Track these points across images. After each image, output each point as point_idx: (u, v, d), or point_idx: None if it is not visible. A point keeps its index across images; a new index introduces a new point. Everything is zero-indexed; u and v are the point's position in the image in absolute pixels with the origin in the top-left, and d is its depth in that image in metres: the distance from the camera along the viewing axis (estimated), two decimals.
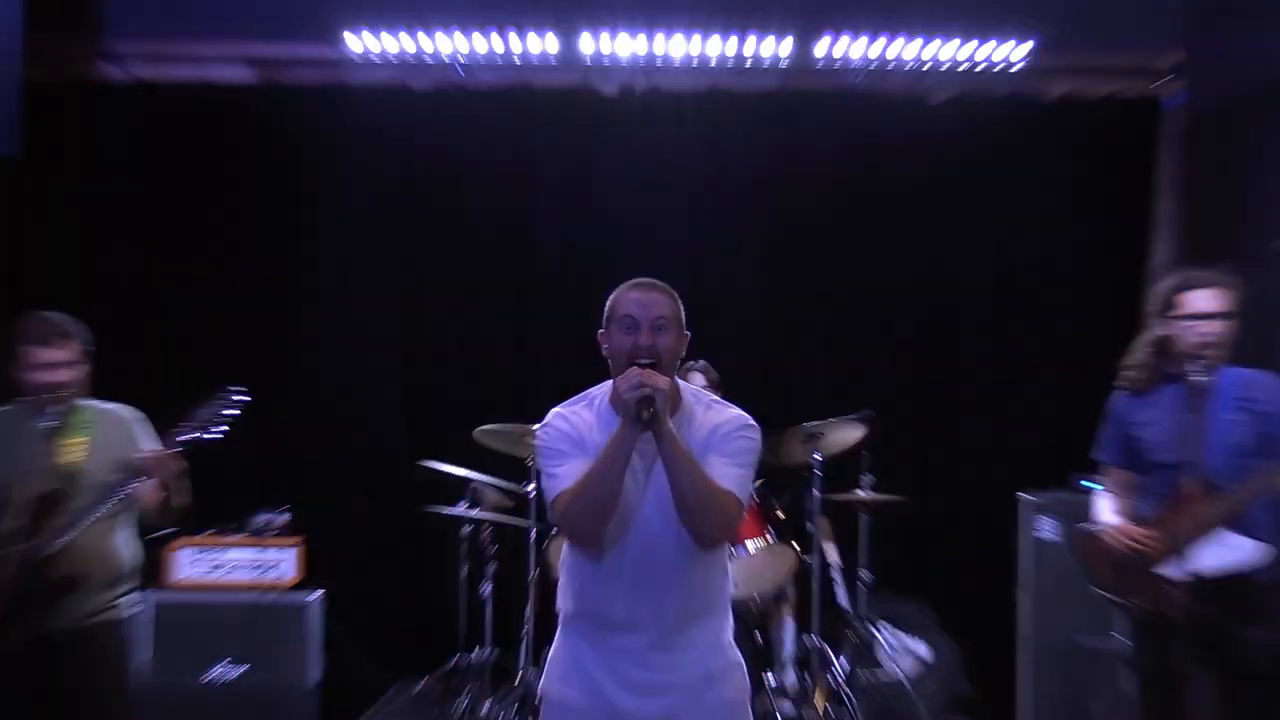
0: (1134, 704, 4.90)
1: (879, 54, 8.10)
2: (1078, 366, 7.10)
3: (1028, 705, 7.19)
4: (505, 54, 8.10)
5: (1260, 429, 4.73)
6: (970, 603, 7.77)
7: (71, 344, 4.83)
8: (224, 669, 7.25)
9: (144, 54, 8.22)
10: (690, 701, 3.83)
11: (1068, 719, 6.76)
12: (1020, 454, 7.74)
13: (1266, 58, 7.06)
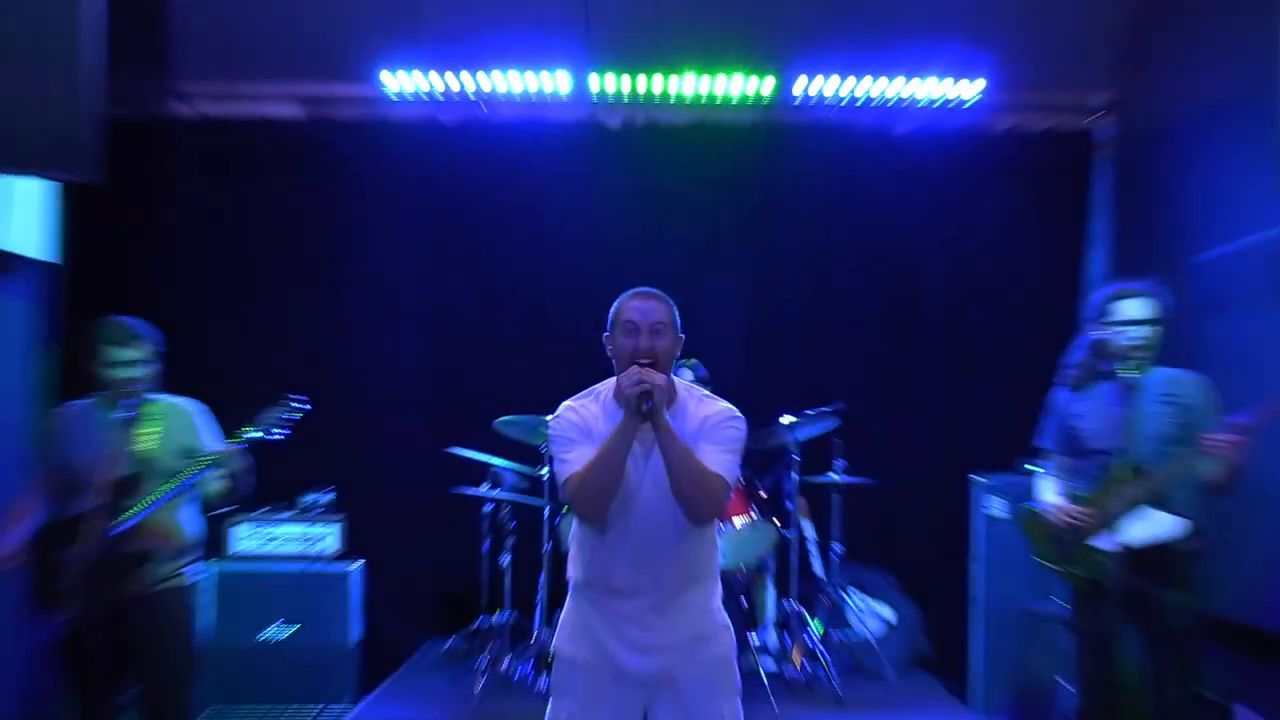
0: (1072, 660, 4.91)
1: (850, 91, 8.11)
2: (1022, 366, 7.09)
3: (979, 661, 7.16)
4: (523, 91, 8.10)
5: (1182, 420, 4.74)
6: (929, 571, 7.77)
7: (144, 345, 4.84)
8: (276, 629, 7.26)
9: (209, 93, 8.25)
10: (684, 658, 3.84)
11: (1013, 674, 6.74)
12: (972, 441, 7.73)
13: (1185, 95, 7.07)
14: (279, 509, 7.42)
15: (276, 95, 8.29)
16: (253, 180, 8.22)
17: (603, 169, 8.26)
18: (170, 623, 4.86)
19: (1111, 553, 4.58)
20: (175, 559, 4.88)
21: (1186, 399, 4.79)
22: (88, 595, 4.43)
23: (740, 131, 8.32)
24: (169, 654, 4.86)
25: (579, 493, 3.76)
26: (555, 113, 8.29)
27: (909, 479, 7.92)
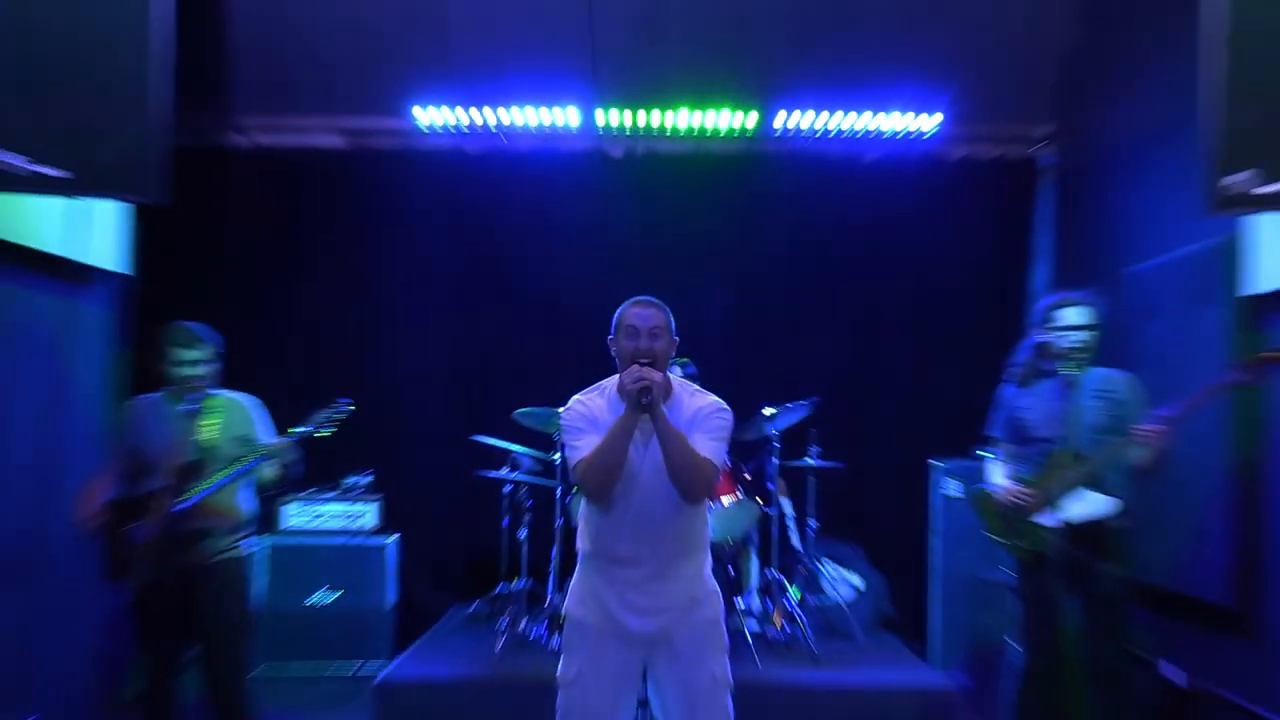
0: (1018, 621, 4.90)
1: (823, 124, 8.10)
2: (975, 364, 7.08)
3: (937, 623, 7.17)
4: (538, 124, 8.10)
5: (1114, 413, 4.77)
6: (893, 544, 7.75)
7: (206, 346, 4.85)
8: (321, 595, 7.28)
9: (262, 125, 8.24)
10: (679, 620, 3.85)
11: (967, 635, 6.74)
12: (931, 430, 7.72)
13: (1117, 128, 7.06)
14: (324, 490, 7.47)
15: (321, 128, 8.28)
16: (300, 202, 8.23)
17: (607, 193, 8.25)
18: (228, 589, 4.87)
19: (1052, 528, 4.59)
20: (232, 533, 4.88)
21: (1118, 395, 4.82)
22: (155, 564, 4.44)
23: (728, 160, 8.31)
24: (227, 616, 4.87)
25: (587, 475, 3.78)
26: (566, 143, 8.28)
27: (875, 463, 7.91)
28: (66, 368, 4.98)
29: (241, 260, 8.14)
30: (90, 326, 5.31)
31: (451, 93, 8.01)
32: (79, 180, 4.38)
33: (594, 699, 3.85)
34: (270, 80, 7.95)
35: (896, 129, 8.13)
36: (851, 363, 8.21)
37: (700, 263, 8.15)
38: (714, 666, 3.87)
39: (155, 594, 4.50)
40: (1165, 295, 6.22)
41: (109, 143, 4.37)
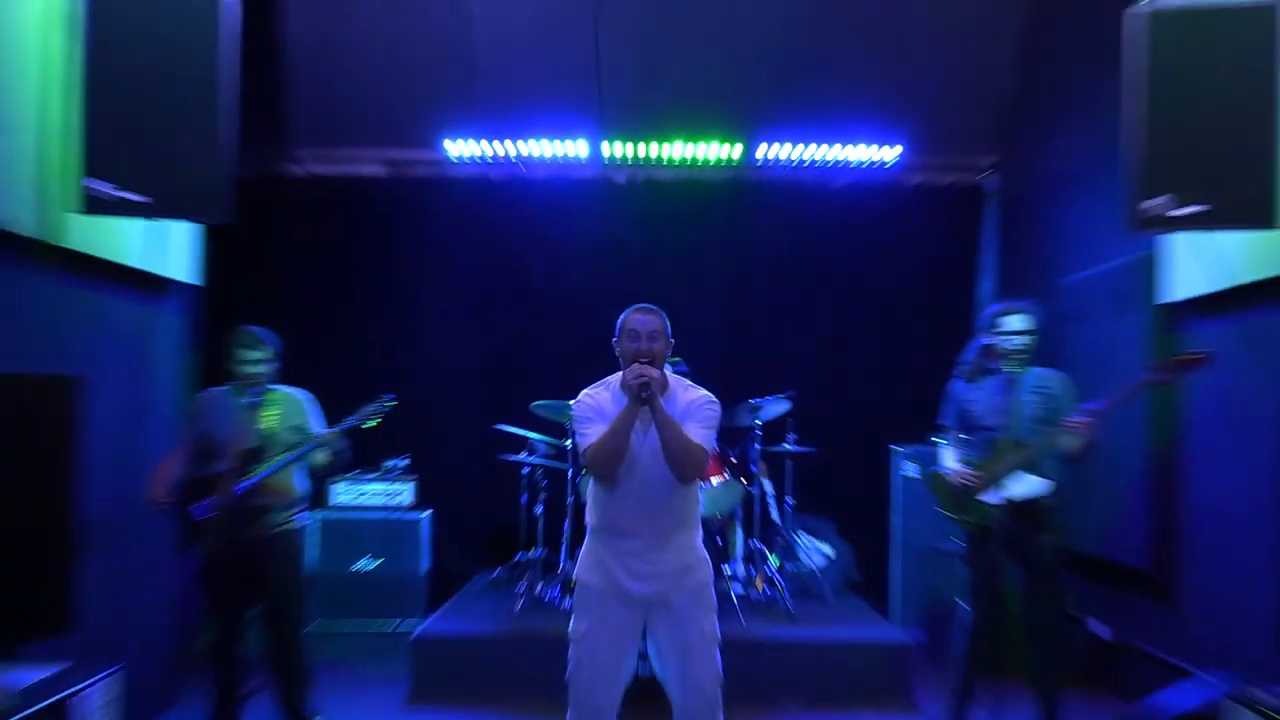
0: (966, 585, 4.92)
1: (799, 155, 8.14)
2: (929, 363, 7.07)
3: (897, 587, 7.19)
4: (552, 155, 8.14)
5: (1049, 407, 4.79)
6: (859, 518, 7.74)
7: (267, 348, 4.86)
8: (365, 562, 7.30)
9: (314, 156, 8.26)
10: (674, 584, 3.86)
11: (922, 597, 6.76)
12: (892, 420, 7.72)
13: (1052, 159, 7.09)
14: (367, 471, 7.48)
15: (366, 158, 8.30)
16: (347, 222, 8.25)
17: (612, 214, 8.27)
18: (286, 557, 4.88)
19: (995, 505, 4.61)
20: (289, 509, 4.89)
21: (1053, 391, 4.83)
22: (223, 535, 4.45)
23: (716, 186, 8.32)
24: (285, 580, 4.87)
25: (595, 458, 3.80)
26: (576, 171, 8.30)
27: (844, 448, 7.91)
28: (146, 365, 5.00)
29: (296, 273, 8.17)
30: (166, 330, 5.34)
31: (478, 128, 8.07)
32: (157, 204, 4.41)
33: (601, 652, 3.87)
34: (322, 117, 8.00)
35: (862, 159, 8.16)
36: (823, 361, 8.22)
37: (692, 274, 8.16)
38: (704, 624, 3.89)
39: (223, 561, 4.52)
40: (1093, 303, 6.25)
41: (182, 172, 4.40)
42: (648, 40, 7.64)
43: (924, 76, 7.78)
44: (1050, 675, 4.79)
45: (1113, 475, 5.85)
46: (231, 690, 4.71)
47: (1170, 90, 4.31)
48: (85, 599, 4.04)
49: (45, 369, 4.18)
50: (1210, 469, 5.18)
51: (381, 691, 5.81)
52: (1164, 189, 4.30)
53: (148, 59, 4.34)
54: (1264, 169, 4.17)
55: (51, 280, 4.45)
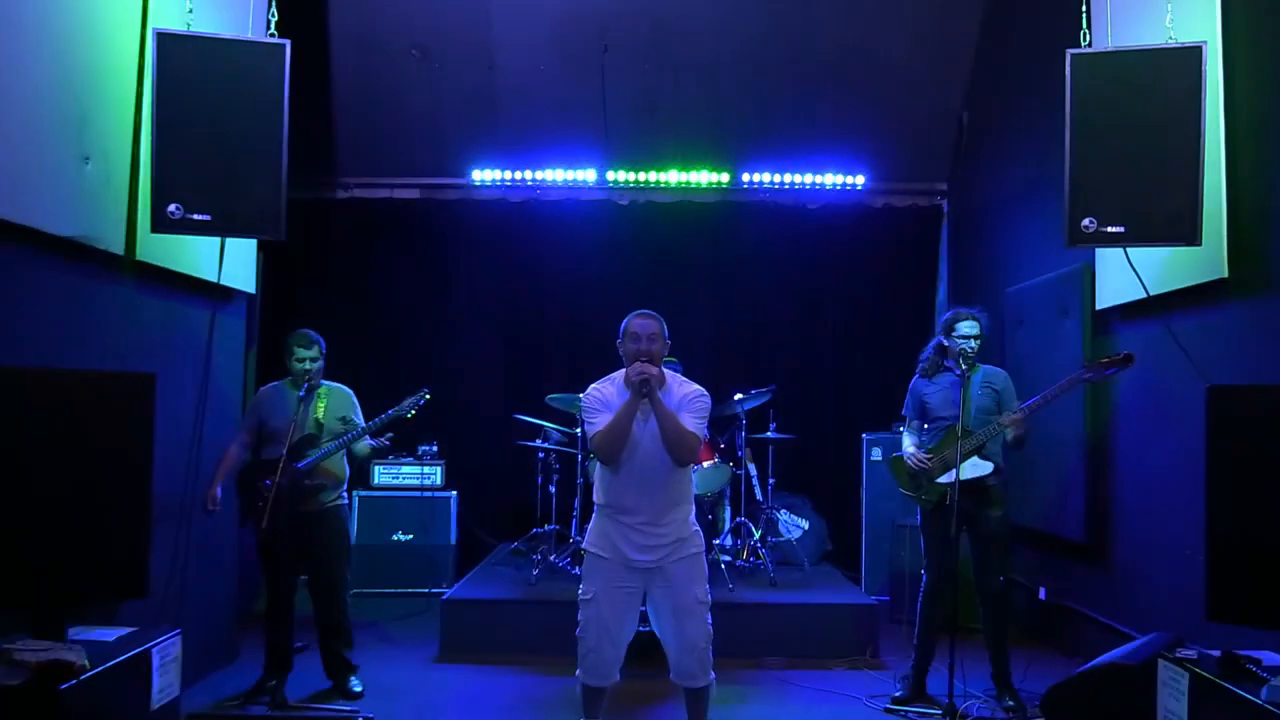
0: (924, 554, 4.93)
1: (779, 180, 8.18)
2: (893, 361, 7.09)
3: (865, 556, 7.18)
4: (563, 180, 8.17)
5: (994, 400, 4.81)
6: (832, 497, 7.76)
7: (317, 346, 4.87)
8: (400, 535, 7.30)
9: (359, 182, 8.24)
10: (671, 554, 3.86)
11: (889, 565, 6.75)
12: (861, 411, 7.72)
13: (998, 183, 7.10)
14: (402, 455, 7.47)
15: (403, 185, 8.27)
16: (385, 239, 8.22)
17: (616, 232, 8.25)
18: (333, 531, 4.89)
19: (948, 484, 4.61)
20: (336, 489, 4.89)
21: (998, 386, 4.86)
22: (278, 512, 4.44)
23: (707, 207, 8.31)
24: (332, 551, 4.89)
25: (601, 444, 3.81)
26: (584, 194, 8.29)
27: (819, 435, 7.91)
28: (210, 363, 5.00)
29: (340, 283, 8.15)
30: (228, 333, 5.33)
31: (500, 158, 8.13)
32: (220, 223, 4.43)
33: (607, 614, 3.87)
34: (365, 150, 8.03)
35: (834, 184, 8.20)
36: (801, 359, 8.21)
37: (686, 284, 8.15)
38: (697, 590, 3.89)
39: (278, 534, 4.50)
40: (1033, 309, 6.25)
41: (242, 195, 4.43)
42: (647, 82, 7.67)
43: (886, 113, 7.84)
44: (999, 633, 4.80)
45: (1053, 458, 5.85)
46: (284, 647, 4.71)
47: (1107, 120, 4.33)
48: (158, 567, 4.05)
49: (125, 366, 4.20)
50: (1138, 453, 5.17)
51: (414, 649, 5.80)
52: (1100, 209, 4.32)
53: (212, 95, 4.38)
54: (1190, 191, 4.17)
55: (131, 289, 4.46)
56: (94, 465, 3.41)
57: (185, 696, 3.95)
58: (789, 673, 5.37)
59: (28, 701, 2.92)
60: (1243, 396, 3.43)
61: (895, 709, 4.73)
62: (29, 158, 3.69)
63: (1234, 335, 4.28)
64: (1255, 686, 3.02)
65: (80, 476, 3.37)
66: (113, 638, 3.55)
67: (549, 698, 4.86)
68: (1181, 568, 4.45)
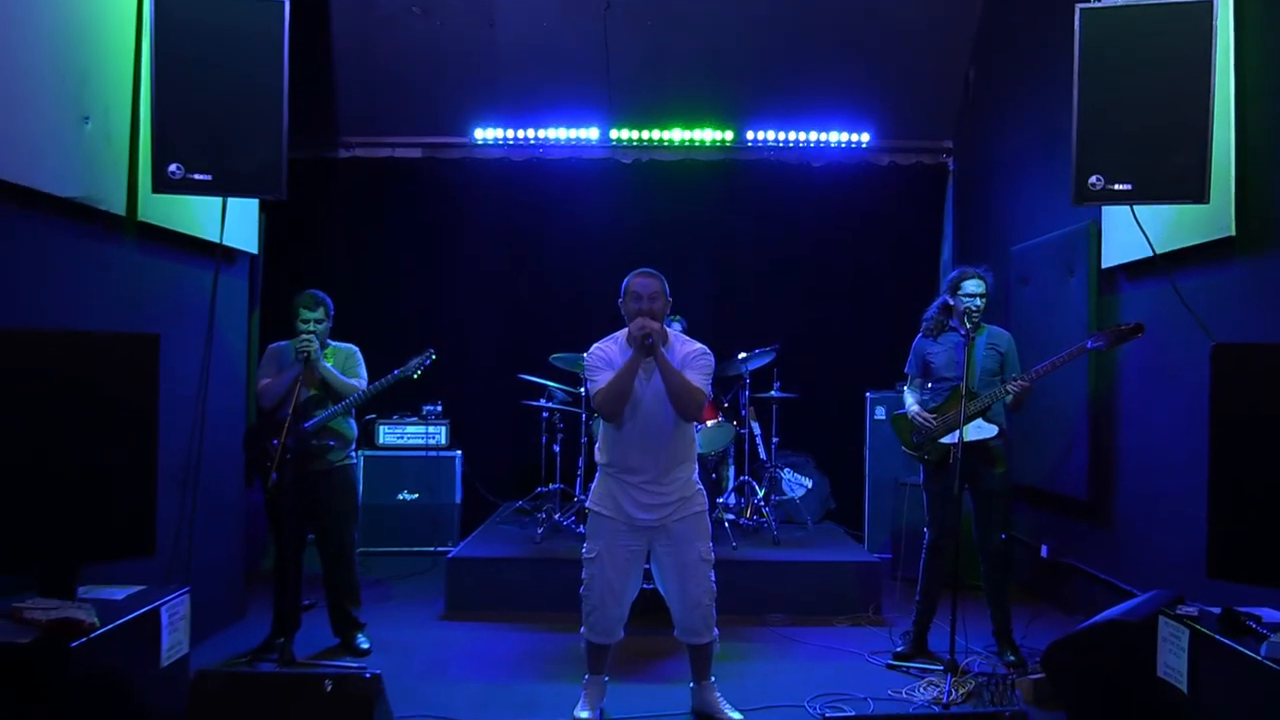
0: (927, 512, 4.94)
1: (784, 138, 8.11)
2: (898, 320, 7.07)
3: (868, 514, 7.22)
4: (566, 139, 8.12)
5: (998, 361, 4.81)
6: (835, 455, 7.79)
7: (323, 307, 4.85)
8: (406, 494, 7.34)
9: (361, 142, 8.20)
10: (674, 513, 3.89)
11: (891, 524, 6.79)
12: (865, 370, 7.70)
13: (1004, 141, 7.04)
14: (407, 415, 7.49)
15: (405, 144, 8.23)
16: (387, 199, 8.20)
17: (619, 191, 8.21)
18: (339, 490, 4.90)
19: (951, 444, 4.61)
20: (342, 449, 4.90)
21: (1002, 348, 4.85)
22: (286, 471, 4.46)
23: (711, 165, 8.26)
24: (339, 510, 4.90)
25: (604, 400, 3.83)
26: (587, 153, 8.24)
27: (823, 394, 7.88)
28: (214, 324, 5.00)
29: (343, 243, 8.14)
30: (231, 293, 5.32)
31: (502, 116, 8.07)
32: (221, 183, 4.41)
33: (611, 572, 3.90)
34: (367, 109, 7.98)
35: (839, 141, 8.13)
36: (805, 318, 8.19)
37: (690, 243, 8.13)
38: (700, 548, 3.92)
39: (286, 492, 4.51)
40: (1041, 268, 6.22)
41: (243, 155, 4.40)
42: (650, 38, 7.59)
43: (891, 70, 7.77)
44: (1000, 589, 4.83)
45: (1057, 417, 5.86)
46: (292, 604, 4.74)
47: (1115, 76, 4.26)
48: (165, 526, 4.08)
49: (130, 327, 4.20)
50: (1141, 411, 5.17)
51: (421, 607, 5.85)
52: (1107, 166, 4.27)
53: (211, 54, 4.35)
54: (1199, 148, 4.12)
55: (134, 250, 4.45)
56: (100, 426, 3.42)
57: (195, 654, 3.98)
58: (792, 629, 5.41)
59: (38, 659, 2.95)
60: (1247, 355, 3.42)
61: (897, 664, 4.77)
62: (28, 118, 3.67)
63: (1240, 293, 4.26)
64: (1255, 643, 3.04)
65: (86, 437, 3.38)
66: (121, 596, 3.58)
67: (554, 654, 4.90)
68: (1183, 526, 4.46)
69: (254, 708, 3.08)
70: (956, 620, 4.32)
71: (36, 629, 3.05)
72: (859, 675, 4.63)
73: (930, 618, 4.93)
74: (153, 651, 3.52)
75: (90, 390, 3.41)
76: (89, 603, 3.31)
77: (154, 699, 3.46)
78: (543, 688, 4.41)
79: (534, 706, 4.13)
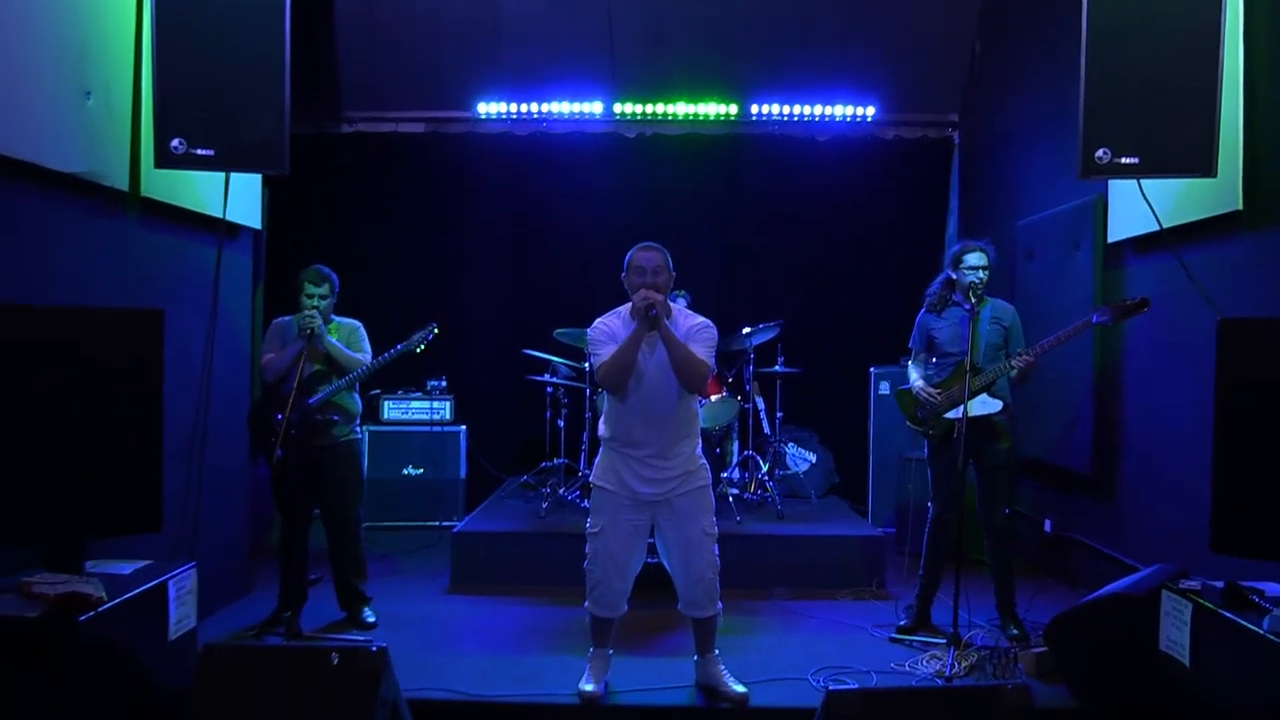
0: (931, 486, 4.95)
1: (789, 112, 8.06)
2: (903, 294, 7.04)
3: (873, 488, 7.24)
4: (570, 113, 8.07)
5: (1004, 335, 4.81)
6: (841, 430, 7.79)
7: (328, 283, 4.84)
8: (411, 469, 7.36)
9: (363, 117, 8.16)
10: (678, 487, 3.90)
11: (895, 497, 6.80)
12: (870, 344, 7.70)
13: (1009, 115, 6.99)
14: (411, 391, 7.50)
15: (408, 118, 8.19)
16: (391, 174, 8.16)
17: (623, 165, 8.18)
18: (345, 465, 4.90)
19: (955, 419, 4.61)
20: (348, 423, 4.90)
21: (1006, 322, 4.84)
22: (291, 446, 4.46)
23: (715, 140, 8.21)
24: (344, 486, 4.91)
25: (607, 374, 3.85)
26: (591, 127, 8.20)
27: (827, 369, 7.91)
28: (218, 299, 5.01)
29: (346, 218, 8.11)
30: (234, 269, 5.33)
31: (506, 91, 8.02)
32: (223, 158, 4.40)
33: (615, 547, 3.92)
34: (369, 83, 7.93)
35: (843, 115, 8.08)
36: (810, 293, 8.17)
37: (694, 217, 8.10)
38: (704, 523, 3.93)
39: (291, 467, 4.52)
40: (1047, 243, 6.20)
41: (245, 130, 4.39)
42: (654, 12, 7.54)
43: (897, 43, 7.71)
44: (1003, 563, 4.85)
45: (1062, 391, 5.85)
46: (298, 579, 4.76)
47: (1123, 48, 4.21)
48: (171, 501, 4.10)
49: (134, 303, 4.20)
50: (1147, 386, 5.16)
51: (426, 581, 5.88)
52: (1114, 140, 4.24)
53: (213, 28, 4.32)
54: (1207, 121, 4.08)
55: (137, 226, 4.45)
56: (105, 401, 3.43)
57: (202, 627, 4.02)
58: (796, 603, 5.43)
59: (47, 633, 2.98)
60: (1254, 329, 3.41)
61: (900, 638, 4.79)
62: (29, 93, 3.66)
63: (1247, 268, 4.24)
64: (1258, 617, 3.05)
65: (92, 413, 3.40)
66: (128, 571, 3.61)
67: (558, 627, 4.93)
68: (1187, 501, 4.47)
69: (261, 681, 3.10)
70: (960, 594, 4.35)
71: (45, 603, 3.08)
72: (862, 648, 4.65)
73: (934, 591, 4.95)
74: (160, 625, 3.56)
75: (96, 366, 3.42)
76: (96, 577, 3.34)
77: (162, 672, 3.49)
78: (548, 660, 4.43)
79: (539, 679, 4.15)
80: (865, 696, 2.97)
